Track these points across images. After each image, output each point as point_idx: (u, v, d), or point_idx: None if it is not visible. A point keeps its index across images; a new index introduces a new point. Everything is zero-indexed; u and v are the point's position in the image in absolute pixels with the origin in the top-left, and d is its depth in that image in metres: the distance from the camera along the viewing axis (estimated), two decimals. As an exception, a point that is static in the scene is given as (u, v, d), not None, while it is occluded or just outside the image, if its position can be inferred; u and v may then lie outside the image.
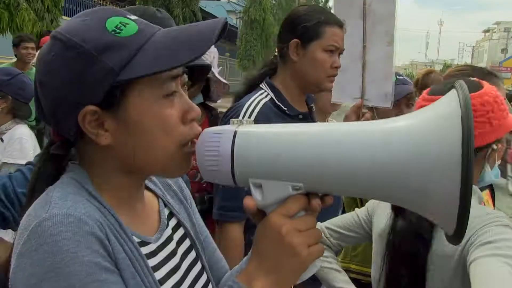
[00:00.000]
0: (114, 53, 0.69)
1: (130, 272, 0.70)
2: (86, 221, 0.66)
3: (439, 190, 0.60)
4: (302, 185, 0.69)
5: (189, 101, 0.78)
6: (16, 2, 7.76)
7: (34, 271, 0.63)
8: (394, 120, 0.66)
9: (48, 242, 0.63)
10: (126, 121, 0.72)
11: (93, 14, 0.74)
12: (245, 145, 0.70)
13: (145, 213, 0.84)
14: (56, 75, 0.71)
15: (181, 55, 0.69)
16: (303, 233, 0.70)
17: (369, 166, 0.63)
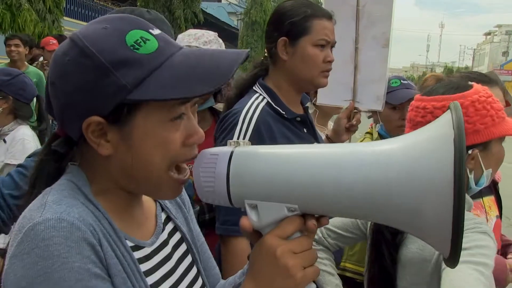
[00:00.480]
0: (129, 70, 0.68)
1: (121, 278, 0.70)
2: (79, 226, 0.66)
3: (432, 212, 0.60)
4: (297, 206, 0.69)
5: (195, 125, 0.77)
6: (18, 3, 7.78)
7: (25, 274, 0.63)
8: (388, 141, 0.67)
9: (40, 246, 0.64)
10: (129, 137, 0.72)
11: (115, 23, 0.73)
12: (240, 166, 0.71)
13: (141, 217, 0.84)
14: (68, 80, 0.71)
15: (194, 88, 0.69)
16: (298, 255, 0.70)
17: (363, 187, 0.64)
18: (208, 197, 0.75)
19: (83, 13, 14.72)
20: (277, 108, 1.56)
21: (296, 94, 1.65)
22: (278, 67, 1.60)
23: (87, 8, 15.02)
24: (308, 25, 1.54)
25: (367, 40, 1.94)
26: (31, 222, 0.66)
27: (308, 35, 1.54)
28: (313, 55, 1.55)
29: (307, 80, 1.59)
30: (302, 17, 1.54)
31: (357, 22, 1.92)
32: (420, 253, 1.23)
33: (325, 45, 1.57)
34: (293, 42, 1.55)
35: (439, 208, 0.59)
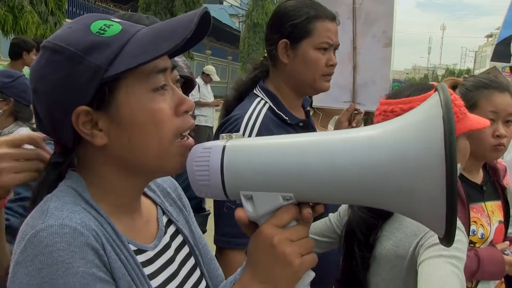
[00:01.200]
0: (99, 52, 0.71)
1: (126, 281, 0.71)
2: (82, 232, 0.67)
3: (425, 191, 0.60)
4: (292, 195, 0.70)
5: (182, 94, 0.78)
6: (20, 5, 7.79)
7: (29, 281, 0.64)
8: (379, 125, 0.68)
9: (44, 253, 0.64)
10: (118, 118, 0.73)
11: (78, 21, 0.77)
12: (234, 158, 0.72)
13: (142, 221, 0.84)
14: (46, 81, 0.73)
15: (162, 46, 0.71)
16: (295, 242, 0.71)
17: (356, 171, 0.64)
18: (203, 191, 0.75)
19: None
20: (280, 113, 1.52)
21: (297, 98, 1.61)
22: (278, 70, 1.56)
23: (89, 10, 15.06)
24: (310, 27, 1.48)
25: (366, 39, 1.88)
26: (33, 229, 0.67)
27: (310, 37, 1.49)
28: (315, 59, 1.50)
29: (308, 84, 1.54)
30: (304, 18, 1.48)
31: (354, 21, 1.87)
32: (395, 249, 1.25)
33: (327, 48, 1.52)
34: (294, 45, 1.50)
35: (432, 185, 0.59)
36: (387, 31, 1.87)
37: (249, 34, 24.99)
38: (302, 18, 1.48)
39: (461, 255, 1.13)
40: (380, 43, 1.88)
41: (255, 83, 1.60)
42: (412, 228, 1.24)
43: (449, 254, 1.12)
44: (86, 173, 0.77)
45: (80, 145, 0.76)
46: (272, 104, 1.53)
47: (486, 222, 1.66)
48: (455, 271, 1.09)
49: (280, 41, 1.50)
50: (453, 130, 0.58)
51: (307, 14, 1.49)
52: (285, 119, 1.52)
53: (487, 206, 1.69)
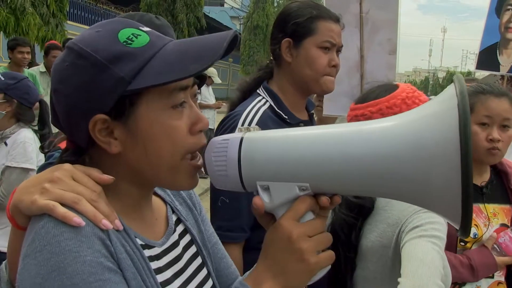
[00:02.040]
0: (124, 63, 0.71)
1: (131, 273, 0.71)
2: (88, 222, 0.68)
3: (441, 181, 0.60)
4: (308, 185, 0.70)
5: (198, 112, 0.79)
6: (22, 7, 7.81)
7: (39, 271, 0.64)
8: (392, 118, 0.68)
9: (52, 243, 0.65)
10: (135, 130, 0.73)
11: (106, 26, 0.76)
12: (251, 149, 0.73)
13: (152, 219, 0.85)
14: (68, 83, 0.73)
15: (188, 68, 0.71)
16: (313, 238, 0.71)
17: (371, 162, 0.65)
18: (221, 182, 0.76)
19: (87, 17, 14.78)
20: (280, 112, 1.53)
21: (301, 98, 1.61)
22: (282, 70, 1.57)
23: (90, 12, 15.08)
24: (313, 26, 1.50)
25: (372, 47, 1.90)
26: (41, 221, 0.67)
27: (313, 36, 1.50)
28: (317, 57, 1.51)
29: (311, 83, 1.55)
30: (307, 18, 1.50)
31: (361, 30, 1.88)
32: (380, 240, 1.28)
33: (330, 48, 1.52)
34: (297, 44, 1.51)
35: (447, 175, 0.59)
36: (392, 39, 1.88)
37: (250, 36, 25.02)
38: (305, 17, 1.51)
39: (440, 234, 1.16)
40: (385, 51, 1.89)
41: (259, 83, 1.62)
42: (394, 218, 1.27)
43: (429, 234, 1.16)
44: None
45: (94, 146, 0.76)
46: (273, 103, 1.54)
47: (483, 224, 1.68)
48: (435, 248, 1.13)
49: (284, 39, 1.52)
50: (468, 118, 0.58)
51: (310, 14, 1.51)
52: (284, 118, 1.53)
53: (487, 208, 1.70)
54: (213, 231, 1.01)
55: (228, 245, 1.41)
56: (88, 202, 0.70)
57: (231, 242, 1.44)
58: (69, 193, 0.70)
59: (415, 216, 1.22)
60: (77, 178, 0.73)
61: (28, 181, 0.74)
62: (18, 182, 2.43)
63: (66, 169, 0.73)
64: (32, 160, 2.51)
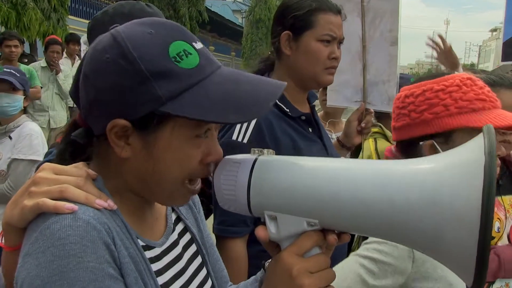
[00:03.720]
0: (167, 82, 0.68)
1: (133, 277, 0.70)
2: (95, 225, 0.66)
3: (455, 240, 0.58)
4: (317, 221, 0.68)
5: (216, 144, 0.77)
6: (23, 2, 7.80)
7: (39, 272, 0.63)
8: (416, 161, 0.65)
9: (56, 245, 0.63)
10: (152, 147, 0.71)
11: (160, 29, 0.72)
12: (262, 176, 0.70)
13: (152, 218, 0.84)
14: (103, 78, 0.70)
15: (228, 115, 0.69)
16: (315, 275, 0.68)
17: (385, 207, 0.62)
18: (228, 204, 0.74)
19: (88, 12, 14.75)
20: (281, 105, 1.51)
21: (301, 91, 1.59)
22: (282, 63, 1.55)
23: (91, 6, 15.05)
24: (312, 19, 1.47)
25: (374, 37, 1.86)
26: (46, 221, 0.66)
27: (312, 29, 1.48)
28: (316, 50, 1.48)
29: (310, 76, 1.52)
30: (307, 10, 1.48)
31: (363, 19, 1.84)
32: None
33: (330, 41, 1.50)
34: (296, 37, 1.49)
35: (462, 236, 0.56)
36: (393, 30, 1.85)
37: (252, 30, 24.97)
38: (304, 10, 1.48)
39: (380, 257, 1.10)
40: (387, 42, 1.85)
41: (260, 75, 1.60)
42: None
43: (363, 254, 1.11)
44: (102, 166, 0.76)
45: (106, 140, 0.73)
46: None
47: (504, 216, 1.65)
48: (358, 271, 1.08)
49: (283, 33, 1.50)
50: (493, 183, 0.54)
51: (309, 6, 1.48)
52: (286, 111, 1.51)
53: (504, 200, 1.68)
54: (209, 233, 1.00)
55: (231, 239, 1.42)
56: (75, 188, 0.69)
57: (235, 237, 1.42)
58: (54, 186, 0.69)
59: None
60: (59, 171, 0.71)
61: (14, 196, 0.72)
62: (25, 174, 2.47)
63: (46, 167, 0.72)
64: (38, 152, 2.53)
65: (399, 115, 1.23)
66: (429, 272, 1.11)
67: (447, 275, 1.13)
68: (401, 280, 1.10)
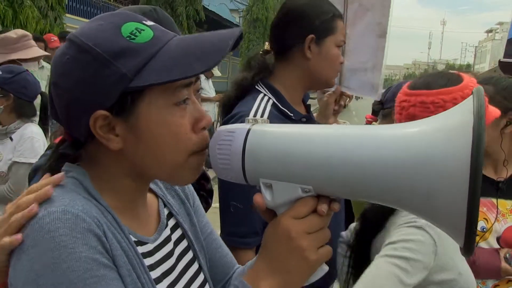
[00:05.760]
0: (127, 59, 0.69)
1: (126, 270, 0.70)
2: (84, 218, 0.67)
3: (446, 197, 0.59)
4: (311, 187, 0.69)
5: (201, 109, 0.78)
6: (20, 0, 7.77)
7: (32, 266, 0.63)
8: (408, 125, 0.66)
9: (46, 238, 0.64)
10: (137, 127, 0.72)
11: (109, 19, 0.74)
12: (256, 144, 0.71)
13: (145, 214, 0.84)
14: (69, 77, 0.71)
15: (193, 66, 0.70)
16: (312, 235, 0.71)
17: (378, 169, 0.63)
18: (224, 173, 0.75)
19: (85, 10, 14.70)
20: (284, 109, 1.51)
21: (302, 92, 1.61)
22: (295, 66, 1.53)
23: (89, 5, 15.00)
24: (333, 24, 1.51)
25: (358, 27, 1.90)
26: (35, 217, 0.66)
27: (334, 35, 1.52)
28: (337, 56, 1.54)
29: (326, 80, 1.57)
30: (331, 16, 1.51)
31: (345, 7, 1.89)
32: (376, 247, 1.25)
33: (341, 46, 1.56)
34: (319, 41, 1.50)
35: (454, 194, 0.58)
36: (382, 23, 1.88)
37: (249, 29, 24.92)
38: (329, 15, 1.51)
39: (410, 255, 1.10)
40: (374, 33, 1.90)
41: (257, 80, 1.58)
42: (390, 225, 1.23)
43: (393, 254, 1.10)
44: (92, 167, 0.77)
45: (93, 141, 0.74)
46: (276, 100, 1.52)
47: (492, 217, 1.66)
48: (395, 272, 1.07)
49: (309, 36, 1.49)
50: (482, 141, 0.56)
51: (332, 12, 1.52)
52: (289, 116, 1.52)
53: (503, 204, 1.69)
54: (208, 221, 1.00)
55: (243, 250, 1.41)
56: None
57: (247, 248, 1.42)
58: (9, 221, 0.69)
59: (397, 230, 1.17)
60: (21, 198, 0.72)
61: None
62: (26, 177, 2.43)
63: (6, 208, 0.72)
64: (40, 155, 2.51)
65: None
66: (445, 264, 1.14)
67: (457, 265, 1.15)
68: (425, 275, 1.12)
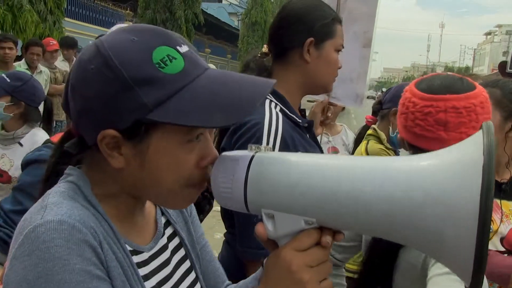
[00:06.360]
0: (151, 89, 0.67)
1: (121, 281, 0.70)
2: (80, 229, 0.66)
3: (453, 240, 0.57)
4: (315, 220, 0.67)
5: (210, 146, 0.76)
6: (19, 4, 7.80)
7: (25, 276, 0.63)
8: (414, 159, 0.64)
9: (41, 248, 0.63)
10: (143, 155, 0.71)
11: (143, 36, 0.71)
12: (259, 174, 0.69)
13: (143, 221, 0.84)
14: (89, 87, 0.70)
15: (215, 118, 0.68)
16: (314, 268, 0.68)
17: (386, 206, 0.61)
18: (225, 202, 0.74)
19: (84, 14, 14.74)
20: (293, 116, 1.49)
21: (300, 97, 1.59)
22: (292, 69, 1.51)
23: (88, 9, 15.03)
24: (333, 28, 1.49)
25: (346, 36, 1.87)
26: (31, 225, 0.66)
27: (333, 39, 1.49)
28: (335, 60, 1.51)
29: (324, 84, 1.54)
30: (331, 19, 1.49)
31: None
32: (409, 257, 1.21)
33: (340, 51, 1.53)
34: (318, 45, 1.48)
35: (461, 236, 0.56)
36: (368, 32, 1.90)
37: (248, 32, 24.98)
38: (329, 19, 1.48)
39: None
40: (360, 43, 1.91)
41: None
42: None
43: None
44: (94, 174, 0.76)
45: (98, 149, 0.73)
46: (282, 106, 1.49)
47: (498, 218, 1.66)
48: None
49: (309, 39, 1.47)
50: (491, 184, 0.54)
51: (331, 16, 1.49)
52: (297, 122, 1.49)
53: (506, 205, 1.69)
54: (203, 233, 1.00)
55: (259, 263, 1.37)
56: None
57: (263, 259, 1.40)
58: None
59: None
60: None
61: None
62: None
63: None
64: None
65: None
66: None
67: None
68: None
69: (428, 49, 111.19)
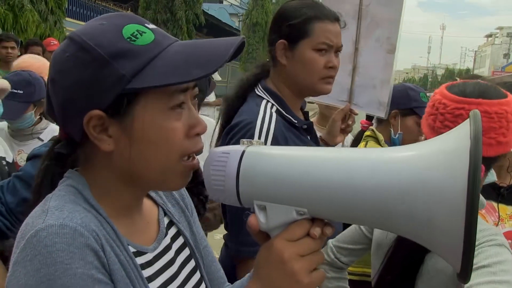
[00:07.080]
0: (127, 61, 0.70)
1: (124, 284, 0.70)
2: (82, 232, 0.66)
3: (443, 224, 0.58)
4: (306, 210, 0.68)
5: (197, 115, 0.77)
6: (20, 4, 7.80)
7: (27, 281, 0.63)
8: (402, 149, 0.65)
9: (43, 253, 0.63)
10: (130, 129, 0.72)
11: (111, 19, 0.75)
12: (251, 166, 0.70)
13: (143, 222, 0.84)
14: (67, 75, 0.71)
15: (191, 72, 0.70)
16: (305, 258, 0.69)
17: (374, 194, 0.62)
18: (217, 195, 0.74)
19: (85, 14, 14.74)
20: (288, 116, 1.49)
21: (297, 99, 1.58)
22: (278, 71, 1.53)
23: (88, 9, 15.04)
24: (308, 27, 1.45)
25: (369, 42, 1.85)
26: (33, 229, 0.66)
27: (308, 38, 1.46)
28: (312, 60, 1.46)
29: (307, 86, 1.51)
30: (303, 19, 1.45)
31: (359, 22, 1.83)
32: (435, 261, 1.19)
33: (326, 50, 1.48)
34: (292, 46, 1.47)
35: (451, 220, 0.57)
36: (391, 38, 1.83)
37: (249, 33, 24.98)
38: (300, 19, 1.46)
39: (510, 278, 1.05)
40: (383, 48, 1.84)
41: (256, 81, 1.56)
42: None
43: (499, 279, 1.04)
44: (89, 173, 0.77)
45: (88, 141, 0.74)
46: (279, 107, 1.49)
47: (493, 221, 1.66)
48: None
49: (279, 41, 1.48)
50: (478, 167, 0.55)
51: (305, 15, 1.46)
52: (293, 122, 1.49)
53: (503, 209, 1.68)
54: (204, 234, 1.00)
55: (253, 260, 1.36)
56: None
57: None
58: None
59: (480, 250, 1.10)
60: None
61: None
62: None
63: None
64: None
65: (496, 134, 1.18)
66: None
67: None
68: None
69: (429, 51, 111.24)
